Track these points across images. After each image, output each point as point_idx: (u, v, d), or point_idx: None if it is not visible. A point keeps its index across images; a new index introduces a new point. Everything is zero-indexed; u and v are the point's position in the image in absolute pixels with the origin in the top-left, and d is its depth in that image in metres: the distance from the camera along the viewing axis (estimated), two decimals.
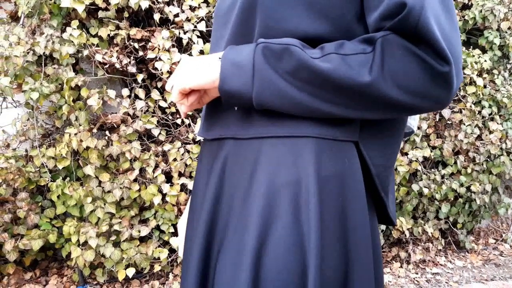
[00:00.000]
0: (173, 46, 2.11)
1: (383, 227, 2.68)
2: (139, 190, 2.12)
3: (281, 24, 0.61)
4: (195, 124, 2.22)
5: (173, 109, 2.19)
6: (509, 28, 2.78)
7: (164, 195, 2.15)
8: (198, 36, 2.16)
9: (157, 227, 2.23)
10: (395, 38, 0.54)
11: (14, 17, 2.12)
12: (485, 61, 2.65)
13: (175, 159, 2.15)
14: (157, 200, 2.10)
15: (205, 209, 0.70)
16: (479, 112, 2.75)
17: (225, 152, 0.69)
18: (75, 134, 2.01)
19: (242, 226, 0.64)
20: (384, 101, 0.56)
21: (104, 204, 2.08)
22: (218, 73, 0.62)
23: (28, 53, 1.94)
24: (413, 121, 0.79)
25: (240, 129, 0.66)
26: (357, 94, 0.56)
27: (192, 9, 2.16)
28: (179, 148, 2.16)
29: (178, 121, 2.22)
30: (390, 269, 2.65)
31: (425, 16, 0.51)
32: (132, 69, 2.09)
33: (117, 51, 2.07)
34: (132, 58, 2.11)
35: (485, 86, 2.76)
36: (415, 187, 2.60)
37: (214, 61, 0.63)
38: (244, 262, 0.61)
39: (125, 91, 2.12)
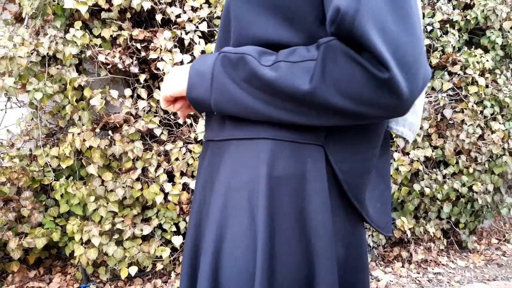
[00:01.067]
0: (175, 46, 2.13)
1: None
2: (142, 189, 2.14)
3: (249, 31, 0.63)
4: (196, 124, 2.23)
5: None
6: (511, 28, 2.77)
7: (166, 194, 2.17)
8: (199, 37, 2.17)
9: (159, 226, 2.25)
10: (337, 44, 0.52)
11: (18, 18, 2.14)
12: (487, 61, 2.65)
13: (177, 159, 2.17)
14: (159, 199, 2.11)
15: (193, 211, 0.74)
16: (481, 112, 2.74)
17: (208, 154, 0.72)
18: (78, 133, 2.03)
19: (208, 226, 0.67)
20: (328, 108, 0.55)
21: (107, 203, 2.10)
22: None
23: (32, 53, 1.96)
24: (401, 127, 0.74)
25: (217, 132, 0.69)
26: (300, 101, 0.56)
27: (194, 9, 2.18)
28: (181, 147, 2.18)
29: (180, 121, 2.23)
30: (392, 268, 2.66)
31: (360, 20, 0.49)
32: (134, 69, 2.11)
33: (119, 51, 2.09)
34: (134, 58, 2.13)
35: (487, 86, 2.76)
36: (416, 186, 2.60)
37: (187, 70, 0.67)
38: (204, 261, 0.64)
39: (128, 91, 2.14)
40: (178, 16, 2.13)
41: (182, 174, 2.23)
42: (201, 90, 0.63)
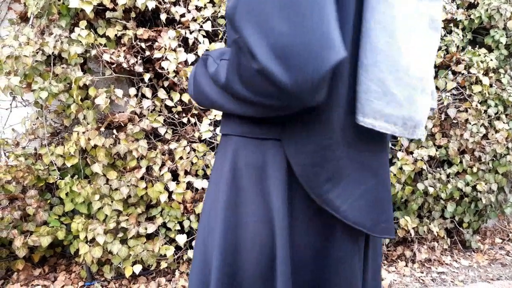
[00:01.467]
0: (179, 45, 2.13)
1: None
2: (146, 188, 2.15)
3: (231, 32, 0.69)
4: (201, 123, 2.24)
5: (179, 108, 2.22)
6: None
7: (170, 193, 2.17)
8: (204, 36, 2.18)
9: (164, 225, 2.26)
10: (239, 39, 0.55)
11: (24, 18, 2.15)
12: (491, 60, 2.64)
13: (181, 158, 2.17)
14: (163, 198, 2.12)
15: None
16: (485, 111, 2.74)
17: None
18: (83, 132, 2.04)
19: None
20: (241, 99, 0.60)
21: (112, 201, 2.11)
22: None
23: (37, 53, 1.97)
24: (371, 120, 0.64)
25: (221, 127, 0.77)
26: (226, 93, 0.63)
27: (198, 9, 2.19)
28: (185, 146, 2.19)
29: (184, 120, 2.24)
30: (395, 268, 2.66)
31: (237, 18, 0.52)
32: (139, 68, 2.11)
33: (124, 51, 2.10)
34: (139, 57, 2.14)
35: (491, 85, 2.75)
36: (420, 186, 2.60)
37: None
38: (194, 262, 0.76)
39: (132, 90, 2.14)
40: (183, 15, 2.14)
41: (186, 173, 2.23)
42: (190, 88, 0.74)
